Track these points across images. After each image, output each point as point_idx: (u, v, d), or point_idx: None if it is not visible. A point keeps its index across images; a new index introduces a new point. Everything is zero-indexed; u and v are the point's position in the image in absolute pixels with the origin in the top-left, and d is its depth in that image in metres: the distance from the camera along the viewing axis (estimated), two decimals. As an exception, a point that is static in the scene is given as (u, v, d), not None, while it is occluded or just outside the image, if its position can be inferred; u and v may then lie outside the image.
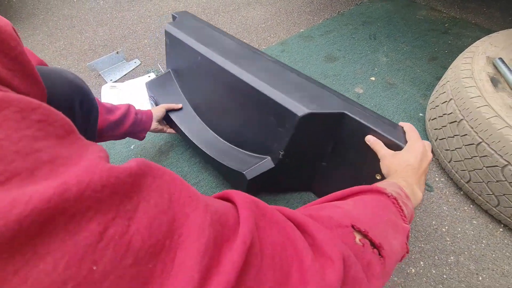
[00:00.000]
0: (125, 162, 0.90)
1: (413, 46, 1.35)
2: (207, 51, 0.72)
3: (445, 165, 0.86)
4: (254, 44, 1.45)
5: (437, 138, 0.88)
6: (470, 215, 0.80)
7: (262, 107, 0.64)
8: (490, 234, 0.76)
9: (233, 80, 0.66)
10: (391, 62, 1.27)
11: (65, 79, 0.43)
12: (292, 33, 1.51)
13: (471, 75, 0.78)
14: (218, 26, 1.59)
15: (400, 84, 1.17)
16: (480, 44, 0.87)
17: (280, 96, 0.59)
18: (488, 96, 0.71)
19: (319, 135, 0.63)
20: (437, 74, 1.20)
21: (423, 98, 1.10)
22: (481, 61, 0.80)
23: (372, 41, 1.40)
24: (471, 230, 0.77)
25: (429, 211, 0.81)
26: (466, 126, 0.74)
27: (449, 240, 0.76)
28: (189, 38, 0.78)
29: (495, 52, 0.83)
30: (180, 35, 0.80)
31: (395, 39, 1.40)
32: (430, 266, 0.71)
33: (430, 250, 0.74)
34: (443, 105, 0.85)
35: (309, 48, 1.39)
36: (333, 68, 1.27)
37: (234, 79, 0.66)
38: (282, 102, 0.58)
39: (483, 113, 0.70)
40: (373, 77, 1.21)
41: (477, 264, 0.71)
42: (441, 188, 0.86)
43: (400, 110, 1.07)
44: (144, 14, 1.72)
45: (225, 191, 0.27)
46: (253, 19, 1.63)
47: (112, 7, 1.80)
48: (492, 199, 0.74)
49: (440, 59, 1.27)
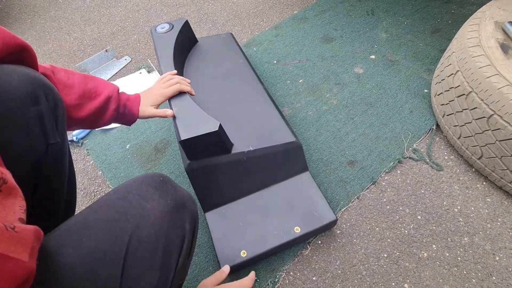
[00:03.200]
0: (121, 163, 0.86)
1: (413, 19, 1.27)
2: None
3: (454, 142, 0.82)
4: (247, 30, 1.40)
5: (444, 114, 0.83)
6: (484, 193, 0.76)
7: None
8: (506, 211, 0.72)
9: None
10: (391, 38, 1.21)
11: (22, 75, 0.41)
12: (286, 16, 1.44)
13: (479, 43, 0.72)
14: (209, 15, 1.53)
15: (402, 60, 1.11)
16: (487, 9, 0.81)
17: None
18: (499, 64, 0.66)
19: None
20: (441, 46, 1.13)
21: (427, 73, 1.04)
22: (488, 27, 0.74)
23: (370, 17, 1.32)
24: (485, 209, 0.73)
25: (440, 191, 0.77)
26: (475, 99, 0.69)
27: (462, 220, 0.72)
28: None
29: (504, 16, 0.76)
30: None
31: (394, 13, 1.32)
32: (443, 249, 0.68)
33: (442, 232, 0.70)
34: (449, 78, 0.79)
35: (304, 30, 1.32)
36: (331, 49, 1.21)
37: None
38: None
39: (493, 83, 0.65)
40: (373, 55, 1.15)
41: (493, 243, 0.68)
42: (451, 167, 0.81)
43: (404, 87, 1.02)
44: (132, 9, 1.67)
45: None
46: (244, 5, 1.57)
47: (98, 5, 1.75)
48: (507, 174, 0.69)
49: (443, 31, 1.20)
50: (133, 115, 0.64)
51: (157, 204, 0.38)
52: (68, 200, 0.56)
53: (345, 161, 0.85)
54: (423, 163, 0.83)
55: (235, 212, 0.70)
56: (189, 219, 0.42)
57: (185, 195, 0.43)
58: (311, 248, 0.71)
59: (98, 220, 0.36)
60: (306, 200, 0.70)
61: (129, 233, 0.35)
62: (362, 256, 0.69)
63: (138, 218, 0.36)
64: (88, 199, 0.88)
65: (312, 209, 0.69)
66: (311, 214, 0.68)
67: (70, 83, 0.54)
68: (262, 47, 1.28)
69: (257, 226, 0.68)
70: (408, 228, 0.72)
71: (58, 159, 0.48)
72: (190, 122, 0.63)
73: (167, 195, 0.40)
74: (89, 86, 0.57)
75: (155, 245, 0.36)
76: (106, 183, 0.91)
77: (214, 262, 0.71)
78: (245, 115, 0.78)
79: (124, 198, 0.38)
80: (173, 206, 0.40)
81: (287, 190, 0.73)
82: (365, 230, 0.72)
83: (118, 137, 1.02)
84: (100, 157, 0.97)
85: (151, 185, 0.40)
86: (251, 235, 0.67)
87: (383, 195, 0.78)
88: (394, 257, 0.68)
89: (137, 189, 0.39)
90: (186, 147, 0.62)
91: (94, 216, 0.36)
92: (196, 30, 1.45)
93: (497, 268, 0.64)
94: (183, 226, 0.41)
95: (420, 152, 0.85)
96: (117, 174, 0.91)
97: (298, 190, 0.72)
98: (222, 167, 0.67)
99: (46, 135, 0.44)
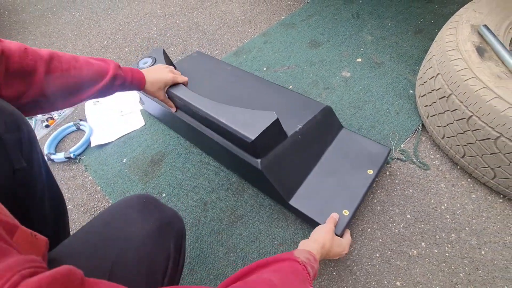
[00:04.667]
0: (119, 177, 0.88)
1: (397, 20, 1.31)
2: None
3: (438, 141, 0.85)
4: (236, 38, 1.42)
5: (428, 115, 0.86)
6: (468, 189, 0.79)
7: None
8: (490, 206, 0.75)
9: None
10: (376, 40, 1.24)
11: None
12: (273, 22, 1.47)
13: (456, 47, 0.75)
14: (198, 25, 1.55)
15: (387, 63, 1.14)
16: (463, 12, 0.84)
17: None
18: (475, 67, 0.69)
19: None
20: (424, 47, 1.16)
21: (412, 74, 1.08)
22: (465, 30, 0.78)
23: (356, 20, 1.36)
24: (470, 205, 0.76)
25: (427, 190, 0.80)
26: (455, 101, 0.72)
27: (449, 217, 0.75)
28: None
29: (479, 19, 0.80)
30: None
31: (378, 15, 1.35)
32: (431, 246, 0.71)
33: (430, 230, 0.74)
34: (430, 80, 0.82)
35: (292, 35, 1.35)
36: (318, 53, 1.24)
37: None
38: None
39: (470, 85, 0.68)
40: (360, 58, 1.18)
41: (479, 238, 0.71)
42: (437, 166, 0.85)
43: (390, 89, 1.05)
44: (121, 21, 1.69)
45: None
46: (233, 13, 1.59)
47: (88, 18, 1.76)
48: (488, 171, 0.73)
49: (426, 31, 1.23)
50: (140, 83, 0.71)
51: (140, 227, 0.40)
52: (57, 222, 0.56)
53: (336, 164, 0.88)
54: (410, 163, 0.86)
55: (312, 187, 0.75)
56: (174, 238, 0.44)
57: (170, 214, 0.45)
58: (307, 251, 0.74)
59: (82, 248, 0.37)
60: (359, 148, 0.80)
61: (113, 258, 0.36)
62: (355, 257, 0.72)
63: (122, 242, 0.38)
64: (88, 215, 0.90)
65: (369, 151, 0.78)
66: (371, 155, 0.78)
67: (69, 70, 0.56)
68: (252, 54, 1.30)
69: (338, 187, 0.74)
70: (398, 227, 0.75)
71: (27, 184, 0.47)
72: (245, 122, 0.67)
73: (150, 217, 0.42)
74: (94, 68, 0.60)
75: (138, 268, 0.38)
76: (105, 198, 0.93)
77: (214, 270, 0.73)
78: (268, 104, 0.83)
79: (108, 224, 0.40)
80: (157, 227, 0.41)
81: (340, 149, 0.81)
82: (357, 232, 0.75)
83: (114, 151, 1.04)
84: (98, 172, 0.99)
85: (134, 208, 0.42)
86: (339, 196, 0.72)
87: (374, 196, 0.81)
88: (386, 256, 0.71)
89: (121, 213, 0.41)
90: (256, 145, 0.66)
91: (79, 243, 0.38)
92: (186, 40, 1.48)
93: (483, 262, 0.68)
94: (167, 246, 0.42)
95: (407, 153, 0.88)
96: (116, 189, 0.93)
97: (348, 144, 0.81)
98: (287, 152, 0.73)
99: (10, 161, 0.43)
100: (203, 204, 0.86)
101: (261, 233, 0.78)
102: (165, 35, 1.53)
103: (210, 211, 0.84)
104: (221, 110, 0.72)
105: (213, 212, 0.84)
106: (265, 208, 0.82)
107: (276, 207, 0.82)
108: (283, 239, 0.76)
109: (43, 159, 0.52)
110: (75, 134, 1.13)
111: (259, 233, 0.78)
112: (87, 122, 1.13)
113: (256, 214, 0.82)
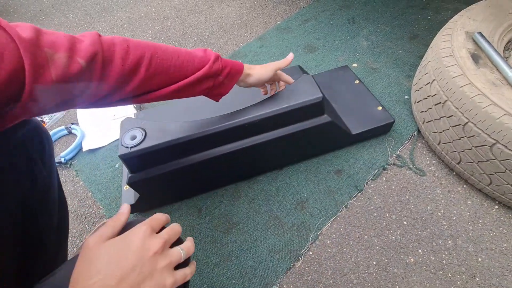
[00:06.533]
0: (110, 183, 0.86)
1: (392, 26, 1.32)
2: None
3: (434, 147, 0.85)
4: (232, 42, 1.41)
5: (424, 121, 0.86)
6: (465, 195, 0.79)
7: None
8: (486, 212, 0.75)
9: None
10: (372, 46, 1.24)
11: None
12: (269, 26, 1.47)
13: (451, 53, 0.75)
14: (193, 28, 1.54)
15: (383, 68, 1.14)
16: (458, 19, 0.84)
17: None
18: (470, 74, 0.69)
19: None
20: (419, 52, 1.17)
21: (407, 80, 1.08)
22: (460, 37, 0.78)
23: (351, 26, 1.36)
24: (467, 211, 0.76)
25: (423, 196, 0.80)
26: (451, 107, 0.72)
27: (446, 223, 0.75)
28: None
29: (474, 26, 0.80)
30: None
31: (374, 21, 1.36)
32: (429, 253, 0.71)
33: (427, 237, 0.73)
34: (426, 86, 0.83)
35: (288, 40, 1.35)
36: (314, 58, 1.24)
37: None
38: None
39: (466, 92, 0.68)
40: (355, 63, 1.18)
41: (476, 245, 0.71)
42: (433, 172, 0.84)
43: (385, 94, 1.05)
44: (116, 23, 1.67)
45: None
46: (228, 16, 1.59)
47: (82, 20, 1.74)
48: (484, 178, 0.73)
49: (421, 37, 1.24)
50: (229, 87, 0.59)
51: None
52: (60, 227, 0.56)
53: (332, 170, 0.87)
54: (406, 169, 0.86)
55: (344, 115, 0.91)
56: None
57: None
58: (303, 259, 0.73)
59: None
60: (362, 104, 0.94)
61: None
62: (352, 265, 0.71)
63: None
64: (79, 221, 0.87)
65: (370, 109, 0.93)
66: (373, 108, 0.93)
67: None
68: (247, 59, 1.29)
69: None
70: (395, 234, 0.74)
71: (46, 192, 0.49)
72: (297, 93, 0.73)
73: None
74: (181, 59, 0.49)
75: None
76: (96, 204, 0.90)
77: (208, 279, 0.71)
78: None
79: None
80: None
81: (345, 104, 0.94)
82: (354, 239, 0.75)
83: (106, 156, 1.01)
84: (89, 177, 0.96)
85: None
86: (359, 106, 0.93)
87: (370, 203, 0.80)
88: (383, 264, 0.70)
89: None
90: (323, 101, 0.74)
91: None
92: (181, 43, 1.46)
93: (480, 269, 0.67)
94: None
95: (404, 158, 0.88)
96: (107, 195, 0.91)
97: (353, 99, 0.96)
98: (328, 103, 0.90)
99: (33, 171, 0.44)
100: (197, 210, 0.84)
101: (256, 241, 0.76)
102: (160, 38, 1.52)
103: (205, 218, 0.82)
104: (267, 105, 0.72)
105: (208, 219, 0.82)
106: (261, 215, 0.81)
107: (272, 214, 0.81)
108: (279, 246, 0.75)
109: (56, 168, 0.53)
110: (66, 138, 1.10)
111: (254, 240, 0.77)
112: (79, 126, 1.11)
113: (252, 221, 0.80)
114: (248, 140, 0.75)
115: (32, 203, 0.46)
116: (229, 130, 0.70)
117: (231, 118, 0.71)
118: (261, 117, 0.71)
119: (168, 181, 0.76)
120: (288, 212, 0.81)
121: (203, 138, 0.70)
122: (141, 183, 0.73)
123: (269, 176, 0.88)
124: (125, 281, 0.28)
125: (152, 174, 0.72)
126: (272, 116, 0.71)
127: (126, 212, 0.36)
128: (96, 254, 0.30)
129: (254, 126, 0.71)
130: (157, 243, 0.32)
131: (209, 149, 0.74)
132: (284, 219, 0.79)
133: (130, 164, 0.70)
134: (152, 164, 0.72)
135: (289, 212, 0.81)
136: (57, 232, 0.55)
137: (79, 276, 0.29)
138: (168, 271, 0.32)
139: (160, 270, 0.31)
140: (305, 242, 0.75)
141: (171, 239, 0.34)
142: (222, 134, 0.71)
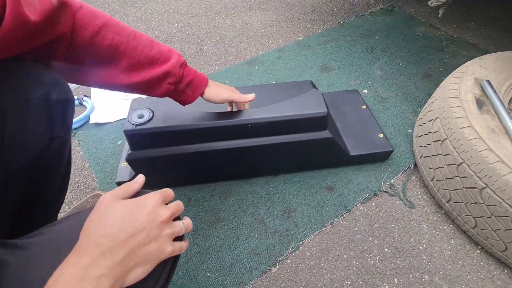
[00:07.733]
0: (109, 158, 0.88)
1: (408, 62, 1.35)
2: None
3: (427, 183, 0.86)
4: (252, 48, 1.46)
5: (422, 155, 0.88)
6: (449, 234, 0.80)
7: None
8: (467, 255, 0.76)
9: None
10: (385, 76, 1.28)
11: (35, 78, 0.42)
12: (290, 40, 1.52)
13: (458, 95, 0.78)
14: (218, 29, 1.60)
15: (392, 99, 1.17)
16: (470, 64, 0.88)
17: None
18: (472, 117, 0.72)
19: None
20: (429, 91, 1.20)
21: (413, 115, 1.11)
22: (469, 82, 0.81)
23: (369, 54, 1.40)
24: (448, 250, 0.77)
25: (409, 227, 0.81)
26: (449, 146, 0.74)
27: (426, 258, 0.75)
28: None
29: (484, 74, 0.83)
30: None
31: (391, 53, 1.40)
32: (403, 284, 0.71)
33: (405, 268, 0.74)
34: (429, 123, 0.85)
35: (306, 56, 1.39)
36: (327, 77, 1.27)
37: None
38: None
39: (465, 134, 0.70)
40: (366, 90, 1.21)
41: (451, 285, 0.71)
42: (422, 206, 0.85)
43: (390, 124, 1.07)
44: (145, 11, 1.73)
45: None
46: (253, 24, 1.64)
47: (114, 2, 1.81)
48: (470, 220, 0.74)
49: (434, 77, 1.27)
50: (193, 97, 0.61)
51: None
52: (60, 187, 0.57)
53: (325, 186, 0.89)
54: (397, 198, 0.87)
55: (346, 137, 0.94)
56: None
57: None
58: (280, 266, 0.73)
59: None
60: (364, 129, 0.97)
61: None
62: (327, 281, 0.71)
63: None
64: (71, 189, 0.89)
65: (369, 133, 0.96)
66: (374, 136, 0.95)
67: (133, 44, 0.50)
68: (264, 66, 1.33)
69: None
70: (374, 259, 0.75)
71: (59, 152, 0.50)
72: (303, 105, 0.76)
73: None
74: (153, 52, 0.52)
75: None
76: (91, 175, 0.92)
77: (184, 267, 0.72)
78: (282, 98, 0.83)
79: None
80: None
81: (349, 125, 0.97)
82: (334, 256, 0.75)
83: (111, 132, 1.04)
84: (90, 149, 0.99)
85: None
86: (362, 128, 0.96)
87: (356, 224, 0.81)
88: (357, 285, 0.71)
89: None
90: (327, 117, 0.77)
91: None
92: (203, 40, 1.51)
93: (451, 309, 0.67)
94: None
95: (396, 188, 0.89)
96: (104, 169, 0.93)
97: (357, 122, 0.99)
98: (332, 120, 0.93)
99: (53, 128, 0.45)
100: (187, 199, 0.86)
101: (238, 239, 0.78)
102: (185, 32, 1.57)
103: (193, 208, 0.84)
104: (273, 110, 0.75)
105: (196, 209, 0.83)
106: (247, 216, 0.82)
107: (258, 217, 0.82)
108: (259, 249, 0.76)
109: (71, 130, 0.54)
110: (76, 108, 1.13)
111: (236, 238, 0.78)
112: (91, 99, 1.14)
113: (238, 219, 0.81)
114: (249, 140, 0.77)
115: (45, 162, 0.47)
116: (232, 126, 0.73)
117: (236, 115, 0.73)
118: (265, 120, 0.73)
119: (165, 165, 0.78)
120: (274, 218, 0.82)
121: (206, 130, 0.72)
122: (139, 161, 0.75)
123: (262, 180, 0.90)
124: (134, 238, 0.31)
125: (151, 155, 0.74)
126: (276, 121, 0.74)
127: (141, 181, 0.39)
128: (112, 209, 0.33)
129: (257, 127, 0.74)
130: (166, 213, 0.35)
131: (210, 142, 0.76)
132: (269, 224, 0.81)
133: (132, 141, 0.72)
134: (153, 145, 0.74)
135: (275, 218, 0.82)
136: (60, 186, 0.56)
137: (93, 227, 0.31)
138: (169, 240, 0.35)
139: (164, 237, 0.34)
140: (285, 249, 0.76)
141: (176, 213, 0.37)
142: (225, 129, 0.73)
